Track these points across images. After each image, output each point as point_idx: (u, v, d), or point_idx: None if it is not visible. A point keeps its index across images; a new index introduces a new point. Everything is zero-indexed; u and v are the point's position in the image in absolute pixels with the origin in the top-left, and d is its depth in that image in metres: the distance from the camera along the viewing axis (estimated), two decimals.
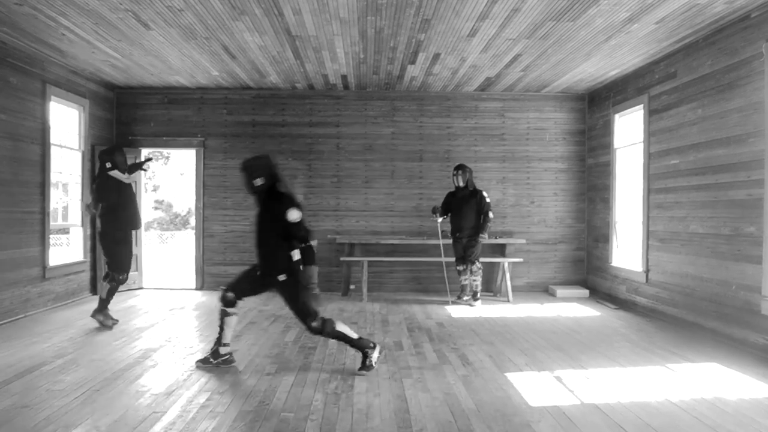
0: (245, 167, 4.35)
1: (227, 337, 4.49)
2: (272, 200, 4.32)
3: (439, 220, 7.58)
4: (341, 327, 4.36)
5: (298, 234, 4.23)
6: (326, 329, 4.29)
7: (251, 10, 5.19)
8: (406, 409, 3.60)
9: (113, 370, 4.40)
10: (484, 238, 7.37)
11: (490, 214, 7.33)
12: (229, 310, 4.45)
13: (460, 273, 7.62)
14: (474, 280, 7.48)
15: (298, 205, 4.29)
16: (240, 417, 3.44)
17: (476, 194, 7.40)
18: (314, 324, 4.26)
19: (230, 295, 4.45)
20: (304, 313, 4.29)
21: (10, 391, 3.88)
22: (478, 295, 7.53)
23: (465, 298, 7.59)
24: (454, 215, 7.47)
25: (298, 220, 4.20)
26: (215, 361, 4.47)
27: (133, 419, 3.38)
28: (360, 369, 4.32)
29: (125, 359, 4.71)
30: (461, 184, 7.43)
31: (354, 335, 4.36)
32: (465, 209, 7.38)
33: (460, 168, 7.45)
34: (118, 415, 3.45)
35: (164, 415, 3.47)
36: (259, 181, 4.27)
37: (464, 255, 7.45)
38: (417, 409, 3.59)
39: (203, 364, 4.50)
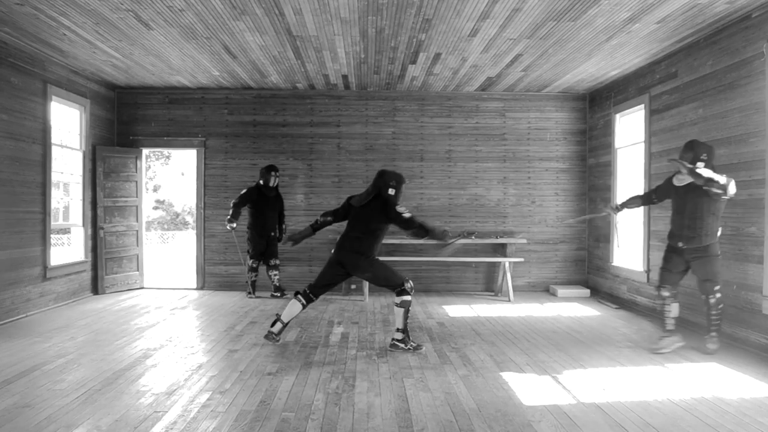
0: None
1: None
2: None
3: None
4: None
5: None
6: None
7: (252, 9, 5.19)
8: (407, 408, 3.60)
9: (114, 369, 4.40)
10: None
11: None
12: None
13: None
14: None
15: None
16: (241, 417, 3.44)
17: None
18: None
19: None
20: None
21: (12, 390, 3.88)
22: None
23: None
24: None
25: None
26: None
27: (134, 419, 3.39)
28: (395, 343, 5.09)
29: (126, 359, 4.72)
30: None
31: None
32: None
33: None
34: (119, 414, 3.45)
35: (165, 414, 3.47)
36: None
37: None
38: (418, 409, 3.59)
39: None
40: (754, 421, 3.42)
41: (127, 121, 8.62)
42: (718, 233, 4.90)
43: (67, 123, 7.80)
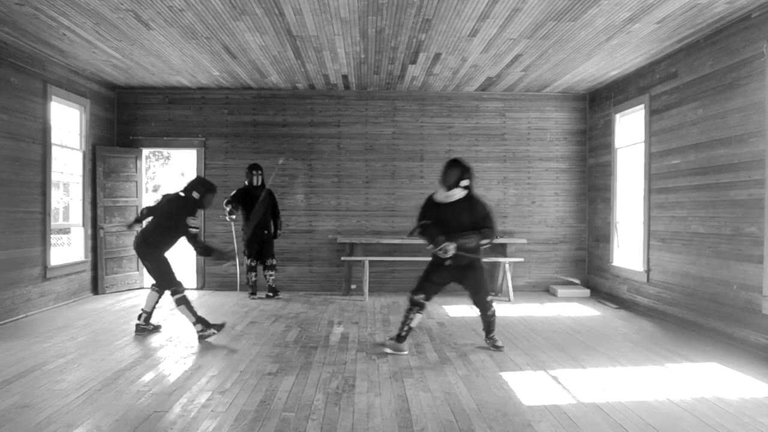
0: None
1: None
2: None
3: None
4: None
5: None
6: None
7: (252, 9, 5.19)
8: (407, 408, 3.60)
9: (114, 369, 4.40)
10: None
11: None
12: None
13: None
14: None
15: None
16: (241, 417, 3.44)
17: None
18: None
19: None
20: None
21: (12, 390, 3.88)
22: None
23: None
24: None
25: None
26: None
27: (134, 419, 3.38)
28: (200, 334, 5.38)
29: (126, 359, 4.72)
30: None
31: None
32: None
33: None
34: (119, 414, 3.45)
35: (165, 414, 3.47)
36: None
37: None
38: (418, 409, 3.59)
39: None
40: (754, 421, 3.42)
41: (127, 121, 8.62)
42: (482, 246, 4.95)
43: (67, 123, 7.80)
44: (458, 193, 4.89)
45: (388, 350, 4.97)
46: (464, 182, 4.90)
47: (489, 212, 4.96)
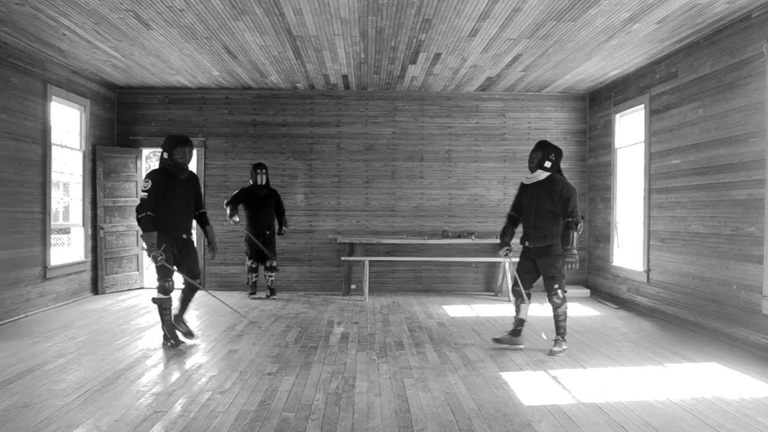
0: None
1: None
2: None
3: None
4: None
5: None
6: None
7: (252, 9, 5.19)
8: (407, 408, 3.60)
9: (114, 369, 4.40)
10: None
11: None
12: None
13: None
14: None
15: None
16: (241, 417, 3.44)
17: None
18: None
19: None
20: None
21: (12, 390, 3.88)
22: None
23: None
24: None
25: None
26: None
27: (134, 419, 3.38)
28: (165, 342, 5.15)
29: (126, 359, 4.72)
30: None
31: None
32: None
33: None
34: (119, 414, 3.45)
35: (165, 414, 3.47)
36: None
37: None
38: (418, 409, 3.59)
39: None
40: (754, 421, 3.42)
41: (127, 121, 8.62)
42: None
43: (67, 123, 7.81)
44: (541, 175, 4.99)
45: (505, 345, 5.04)
46: (547, 163, 4.99)
47: (570, 195, 4.77)
